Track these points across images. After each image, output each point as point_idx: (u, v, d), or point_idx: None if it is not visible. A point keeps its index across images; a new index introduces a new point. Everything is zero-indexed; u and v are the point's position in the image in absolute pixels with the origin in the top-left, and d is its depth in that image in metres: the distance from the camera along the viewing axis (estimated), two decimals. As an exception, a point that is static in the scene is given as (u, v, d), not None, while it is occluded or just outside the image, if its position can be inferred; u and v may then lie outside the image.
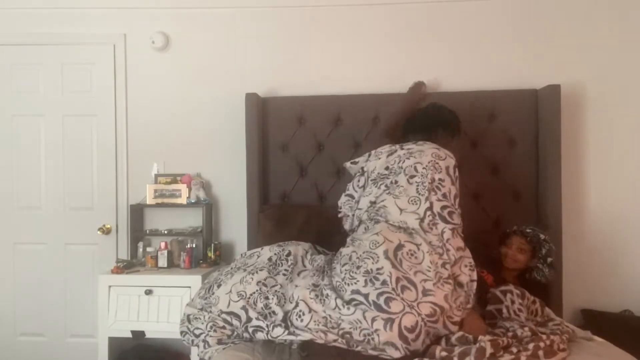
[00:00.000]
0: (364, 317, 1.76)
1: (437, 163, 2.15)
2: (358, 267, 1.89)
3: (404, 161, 2.21)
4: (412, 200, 2.08)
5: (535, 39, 3.02)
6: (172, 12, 3.18)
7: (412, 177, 2.14)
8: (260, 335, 1.89)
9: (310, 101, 2.98)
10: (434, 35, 3.07)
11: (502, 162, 2.88)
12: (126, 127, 3.20)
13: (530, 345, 1.72)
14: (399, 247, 1.92)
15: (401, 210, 2.07)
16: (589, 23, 2.99)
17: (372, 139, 2.93)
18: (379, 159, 2.35)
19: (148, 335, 2.76)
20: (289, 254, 2.26)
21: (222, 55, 3.17)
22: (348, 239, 2.16)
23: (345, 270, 1.92)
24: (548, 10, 3.01)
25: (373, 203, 2.20)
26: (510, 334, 1.83)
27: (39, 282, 3.24)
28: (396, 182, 2.17)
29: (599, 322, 2.75)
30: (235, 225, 3.16)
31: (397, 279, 1.81)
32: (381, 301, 1.76)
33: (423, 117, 2.52)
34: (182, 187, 3.06)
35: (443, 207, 2.06)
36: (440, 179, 2.12)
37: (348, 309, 1.80)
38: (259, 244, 2.57)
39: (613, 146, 2.97)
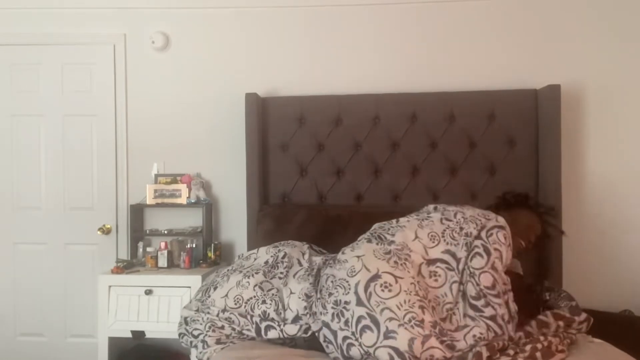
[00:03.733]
0: (334, 358, 1.79)
1: (481, 220, 2.01)
2: (330, 295, 1.85)
3: (450, 207, 2.13)
4: (431, 236, 1.97)
5: (535, 39, 3.01)
6: (172, 12, 3.18)
7: (447, 219, 2.04)
8: (273, 333, 1.92)
9: (310, 101, 2.98)
10: (434, 35, 3.06)
11: (501, 162, 2.88)
12: (126, 127, 3.20)
13: (528, 347, 1.70)
14: (374, 277, 1.79)
15: (417, 237, 1.98)
16: (589, 23, 2.99)
17: (372, 139, 2.93)
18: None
19: (148, 335, 2.76)
20: (284, 256, 2.26)
21: (222, 55, 3.17)
22: (340, 252, 2.07)
23: (321, 295, 1.90)
24: (548, 10, 3.01)
25: (397, 221, 2.14)
26: (505, 336, 1.81)
27: (39, 282, 3.24)
28: (429, 215, 2.10)
29: (598, 322, 2.74)
30: (235, 225, 3.16)
31: (359, 319, 1.72)
32: (344, 347, 1.74)
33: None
34: (182, 187, 3.06)
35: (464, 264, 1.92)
36: (475, 236, 1.96)
37: (325, 343, 1.83)
38: (258, 244, 2.58)
39: (613, 146, 2.97)
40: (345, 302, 1.78)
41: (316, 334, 1.88)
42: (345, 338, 1.73)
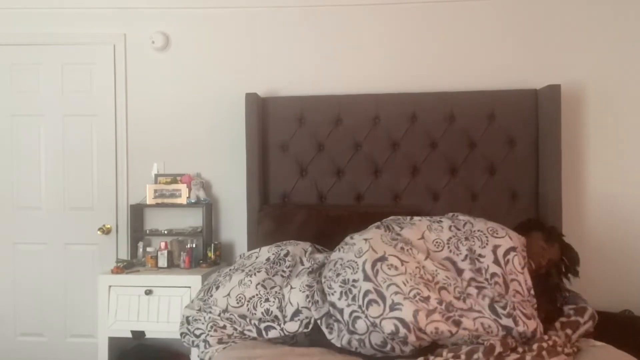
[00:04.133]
0: (341, 337, 1.82)
1: (487, 237, 2.00)
2: (338, 275, 1.90)
3: (461, 216, 2.15)
4: (436, 243, 2.00)
5: (535, 39, 3.01)
6: (172, 12, 3.18)
7: (456, 227, 2.05)
8: (273, 333, 1.94)
9: (310, 101, 2.98)
10: (434, 35, 3.07)
11: (501, 162, 2.88)
12: (126, 127, 3.20)
13: (535, 346, 1.75)
14: (381, 258, 1.86)
15: (422, 238, 2.01)
16: (589, 23, 2.99)
17: (372, 139, 2.93)
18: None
19: (148, 335, 2.76)
20: (287, 254, 2.27)
21: (222, 55, 3.17)
22: (347, 237, 2.15)
23: (329, 277, 1.94)
24: (548, 10, 3.01)
25: (410, 218, 2.17)
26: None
27: (39, 282, 3.24)
28: (441, 219, 2.12)
29: (599, 322, 2.74)
30: (235, 225, 3.16)
31: (366, 293, 1.77)
32: (351, 321, 1.78)
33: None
34: (182, 187, 3.06)
35: (471, 280, 1.89)
36: (480, 254, 1.95)
37: (328, 329, 1.86)
38: (259, 244, 2.58)
39: (613, 146, 2.97)
40: (354, 280, 1.83)
41: (318, 321, 1.89)
42: (352, 312, 1.78)
